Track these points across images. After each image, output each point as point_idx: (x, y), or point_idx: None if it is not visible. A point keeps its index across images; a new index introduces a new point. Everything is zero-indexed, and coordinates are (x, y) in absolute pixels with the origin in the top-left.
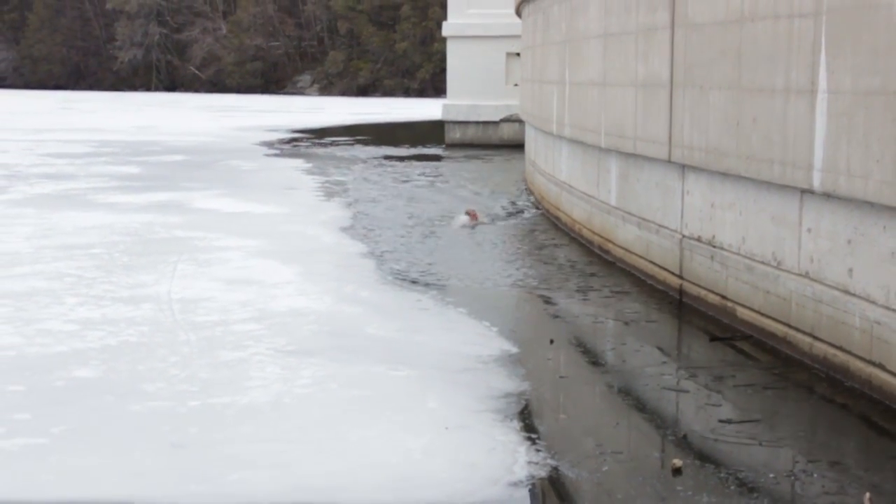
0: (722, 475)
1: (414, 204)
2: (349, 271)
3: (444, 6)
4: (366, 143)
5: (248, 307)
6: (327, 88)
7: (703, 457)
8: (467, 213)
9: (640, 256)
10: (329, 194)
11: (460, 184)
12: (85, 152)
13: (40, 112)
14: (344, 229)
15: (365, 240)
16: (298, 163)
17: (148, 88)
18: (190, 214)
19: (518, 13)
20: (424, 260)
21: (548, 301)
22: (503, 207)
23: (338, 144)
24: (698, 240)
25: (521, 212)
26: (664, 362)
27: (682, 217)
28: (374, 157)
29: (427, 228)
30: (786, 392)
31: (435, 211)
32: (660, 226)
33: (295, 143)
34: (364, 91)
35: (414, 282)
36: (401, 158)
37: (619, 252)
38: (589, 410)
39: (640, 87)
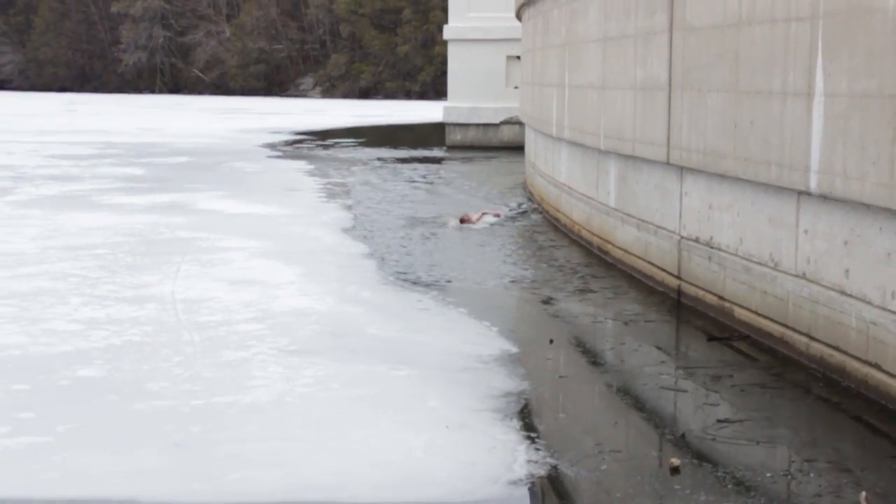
0: (719, 474)
1: (415, 205)
2: (351, 272)
3: (445, 10)
4: (367, 145)
5: (250, 307)
6: (329, 91)
7: (701, 456)
8: (466, 215)
9: (639, 257)
10: (331, 196)
11: (461, 186)
12: (90, 154)
13: (45, 114)
14: (346, 230)
15: (366, 241)
16: (301, 164)
17: (152, 91)
18: (193, 215)
19: (518, 17)
20: (425, 261)
21: (547, 301)
22: (503, 209)
23: (340, 146)
24: (696, 241)
25: (522, 213)
26: (662, 362)
27: (680, 218)
28: (376, 159)
29: (428, 230)
30: (783, 392)
31: (435, 212)
32: (658, 227)
33: (297, 145)
34: (366, 93)
35: (415, 282)
36: (402, 160)
37: (618, 253)
38: (588, 410)
39: (639, 90)
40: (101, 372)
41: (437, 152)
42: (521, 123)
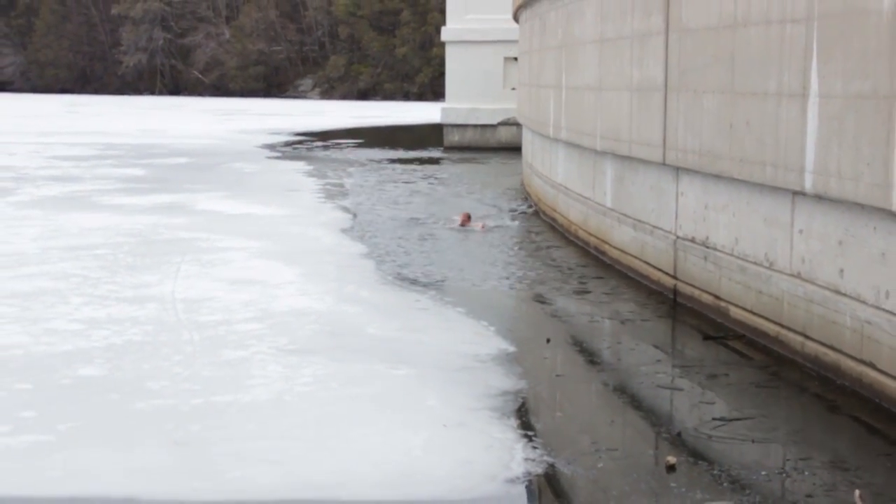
0: (715, 472)
1: (413, 206)
2: (349, 272)
3: (443, 11)
4: (366, 145)
5: (250, 307)
6: (328, 92)
7: (697, 454)
8: (463, 215)
9: (636, 257)
10: (330, 196)
11: (459, 186)
12: (90, 155)
13: (47, 115)
14: (344, 231)
15: (365, 241)
16: (300, 165)
17: (152, 92)
18: (193, 216)
19: (516, 18)
20: (423, 261)
21: (544, 301)
22: (501, 209)
23: (339, 147)
24: (692, 241)
25: (519, 214)
26: (659, 361)
27: (676, 218)
28: (375, 160)
29: (426, 230)
30: (778, 390)
31: (433, 213)
32: (654, 227)
33: (296, 146)
34: (364, 95)
35: (413, 282)
36: (400, 161)
37: (614, 253)
38: (585, 408)
39: (635, 91)
40: (102, 371)
41: (435, 153)
42: (518, 124)
